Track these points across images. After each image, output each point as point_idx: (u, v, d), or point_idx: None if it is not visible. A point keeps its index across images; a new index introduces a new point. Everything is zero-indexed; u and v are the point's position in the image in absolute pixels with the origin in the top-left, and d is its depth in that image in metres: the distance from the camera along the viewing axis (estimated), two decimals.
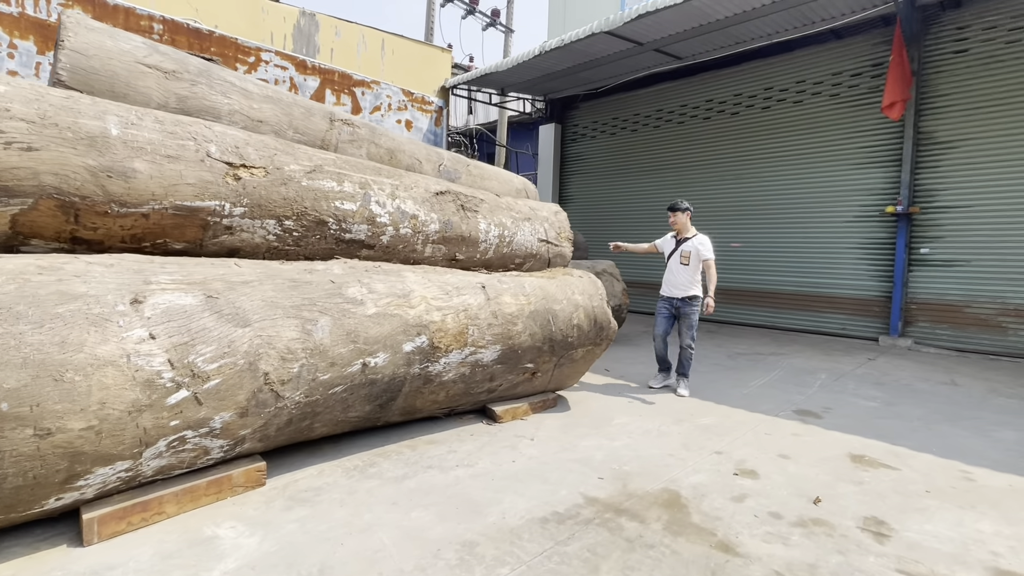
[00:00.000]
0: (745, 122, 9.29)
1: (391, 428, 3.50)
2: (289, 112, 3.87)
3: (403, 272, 3.39)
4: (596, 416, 3.95)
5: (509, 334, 3.61)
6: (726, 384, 5.03)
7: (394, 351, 3.04)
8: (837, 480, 2.91)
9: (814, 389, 4.93)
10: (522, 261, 4.77)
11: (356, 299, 2.97)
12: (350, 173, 3.48)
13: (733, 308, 9.42)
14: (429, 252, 3.97)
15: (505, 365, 3.67)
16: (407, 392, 3.22)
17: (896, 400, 4.63)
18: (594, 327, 4.02)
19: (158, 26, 6.95)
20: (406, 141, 4.73)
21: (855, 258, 8.05)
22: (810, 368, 5.87)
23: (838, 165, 8.20)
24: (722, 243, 9.51)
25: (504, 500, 2.58)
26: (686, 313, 4.73)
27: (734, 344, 7.36)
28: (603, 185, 11.66)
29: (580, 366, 4.16)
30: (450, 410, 3.70)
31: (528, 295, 3.81)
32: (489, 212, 4.38)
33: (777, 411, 4.19)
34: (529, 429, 3.62)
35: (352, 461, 3.00)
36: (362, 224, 3.48)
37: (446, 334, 3.27)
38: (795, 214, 8.68)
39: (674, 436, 3.55)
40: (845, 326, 8.14)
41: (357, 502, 2.53)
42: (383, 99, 9.41)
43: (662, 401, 4.40)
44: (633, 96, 11.01)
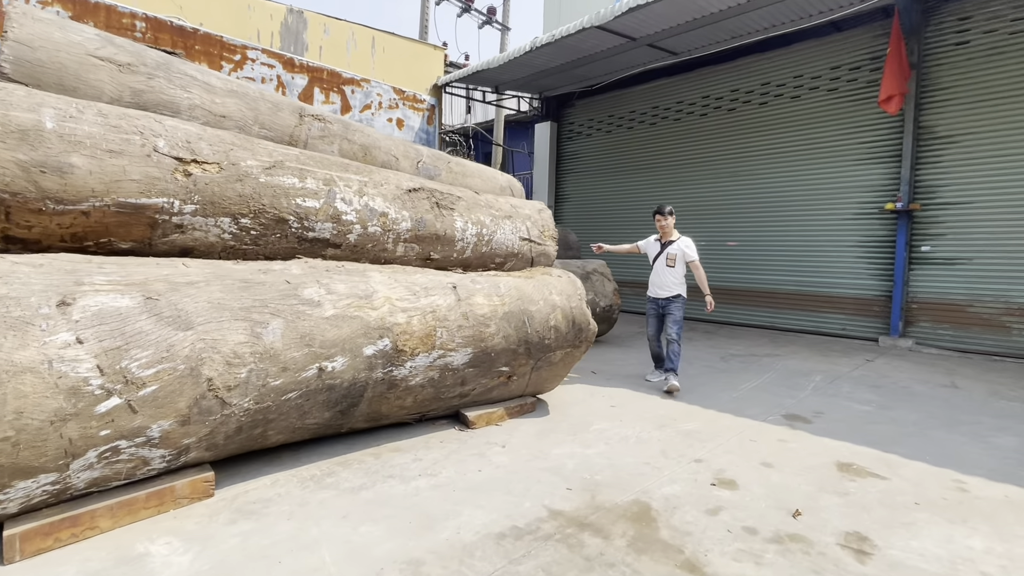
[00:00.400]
0: (742, 118, 9.10)
1: (356, 435, 3.36)
2: (255, 107, 3.74)
3: (368, 272, 3.25)
4: (575, 421, 3.79)
5: (481, 336, 3.47)
6: (715, 387, 4.86)
7: (354, 355, 2.90)
8: (821, 491, 2.74)
9: (807, 392, 4.75)
10: (503, 260, 4.62)
11: (313, 300, 2.83)
12: (314, 169, 3.35)
13: (731, 308, 9.23)
14: (401, 251, 3.83)
15: (478, 369, 3.53)
16: (370, 397, 3.08)
17: (892, 404, 4.44)
18: (572, 328, 3.87)
19: (141, 24, 6.86)
20: (382, 137, 4.60)
21: (854, 257, 7.85)
22: (805, 370, 5.68)
23: (837, 161, 8.00)
24: (719, 241, 9.35)
25: (462, 513, 2.43)
26: (671, 311, 4.96)
27: (730, 345, 7.18)
28: (599, 183, 11.50)
29: (559, 369, 4.01)
30: (421, 416, 3.56)
31: (503, 296, 3.66)
32: (466, 210, 4.24)
33: (766, 416, 4.02)
34: (502, 435, 3.47)
35: (310, 470, 2.87)
36: (326, 222, 3.34)
37: (411, 336, 3.13)
38: (793, 212, 8.49)
39: (653, 443, 3.39)
40: (845, 326, 7.94)
41: (306, 515, 2.39)
42: (373, 97, 9.29)
43: (646, 405, 4.24)
44: (629, 93, 10.84)
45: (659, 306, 5.04)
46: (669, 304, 4.97)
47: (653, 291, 5.07)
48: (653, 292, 5.06)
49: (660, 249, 5.11)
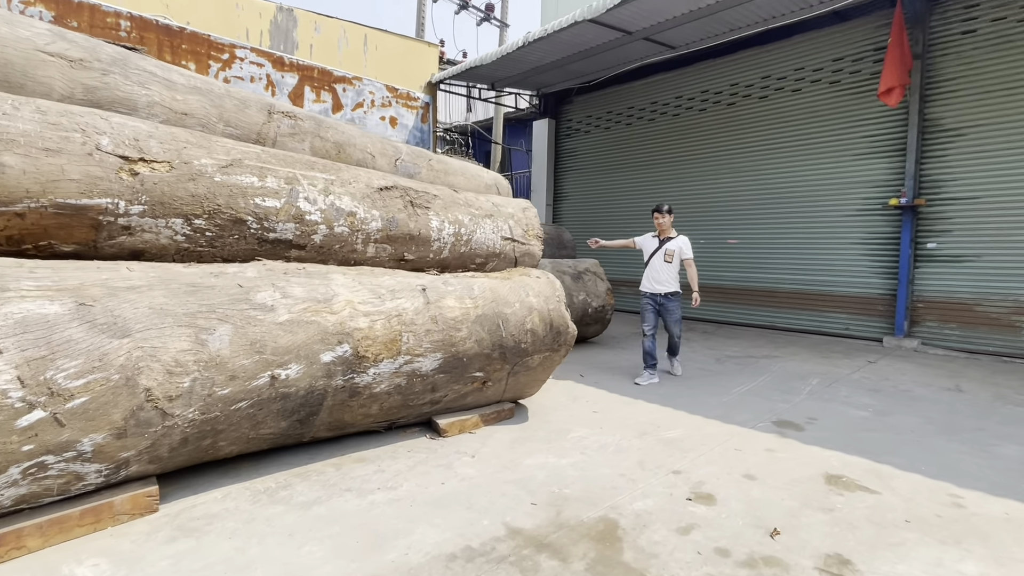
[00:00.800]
0: (742, 113, 8.87)
1: (321, 444, 3.22)
2: (220, 104, 3.61)
3: (331, 274, 3.11)
4: (553, 428, 3.63)
5: (451, 341, 3.32)
6: (706, 391, 4.68)
7: (310, 362, 2.76)
8: (804, 506, 2.56)
9: (802, 396, 4.55)
10: (484, 261, 4.47)
11: (266, 305, 2.70)
12: (275, 168, 3.22)
13: (730, 308, 9.02)
14: (372, 252, 3.69)
15: (449, 374, 3.38)
16: (331, 406, 2.95)
17: (890, 409, 4.24)
18: (550, 332, 3.71)
19: (125, 23, 6.78)
20: (359, 135, 4.46)
21: (858, 254, 7.60)
22: (802, 372, 5.48)
23: (839, 156, 7.76)
24: (719, 239, 9.13)
25: (415, 531, 2.28)
26: (671, 308, 5.09)
27: (727, 346, 6.98)
28: (598, 181, 11.30)
29: (538, 374, 3.85)
30: (390, 424, 3.42)
31: (476, 298, 3.51)
32: (443, 209, 4.09)
33: (755, 422, 3.83)
34: (474, 444, 3.32)
35: (265, 483, 2.74)
36: (288, 223, 3.21)
37: (374, 342, 2.99)
38: (794, 208, 8.25)
39: (632, 452, 3.23)
40: (848, 326, 7.70)
41: (250, 533, 2.26)
42: (366, 95, 9.18)
43: (630, 411, 4.07)
44: (627, 88, 10.63)
45: (656, 301, 5.12)
46: (668, 301, 5.08)
47: (651, 286, 5.15)
48: (650, 287, 5.15)
49: (658, 245, 5.22)
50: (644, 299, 5.19)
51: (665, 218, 5.17)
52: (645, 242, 5.38)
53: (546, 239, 7.83)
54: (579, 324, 6.50)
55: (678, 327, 5.12)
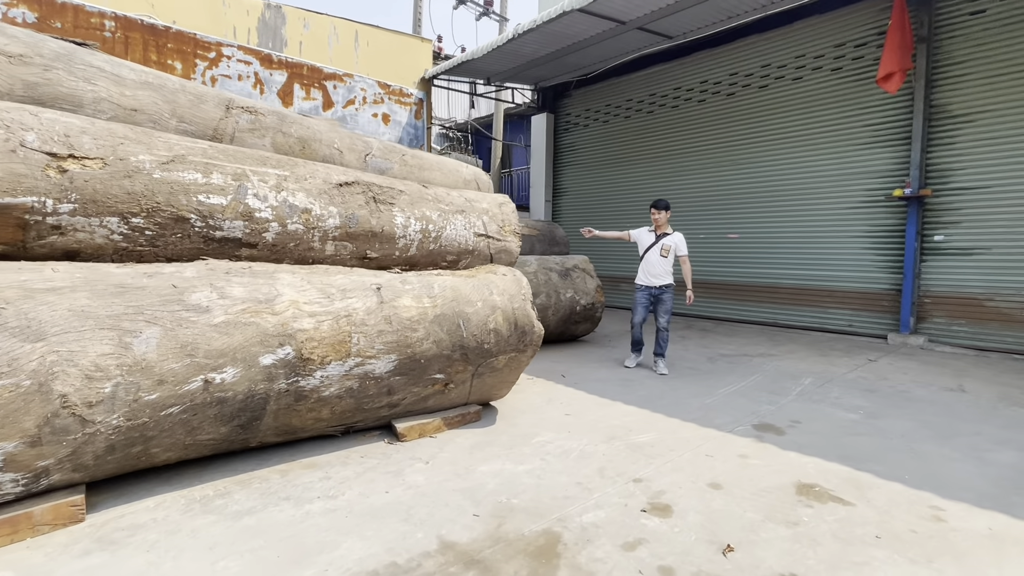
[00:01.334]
0: (741, 103, 8.59)
1: (274, 449, 3.12)
2: (173, 99, 3.52)
3: (279, 273, 2.99)
4: (518, 432, 3.48)
5: (407, 342, 3.18)
6: (689, 392, 4.49)
7: (248, 365, 2.65)
8: (767, 520, 2.38)
9: (790, 397, 4.34)
10: (456, 258, 4.33)
11: (200, 306, 2.59)
12: (222, 164, 3.11)
13: (730, 304, 8.76)
14: (332, 250, 3.57)
15: (406, 377, 3.25)
16: (275, 411, 2.83)
17: (883, 411, 4.00)
18: (515, 331, 3.55)
19: (110, 23, 6.76)
20: (326, 130, 4.34)
21: (861, 248, 7.30)
22: (796, 372, 5.25)
23: (841, 146, 7.46)
24: (719, 234, 8.87)
25: (342, 545, 2.16)
26: (664, 299, 5.27)
27: (722, 344, 6.75)
28: (597, 176, 11.09)
29: (505, 375, 3.70)
30: (346, 428, 3.30)
31: (435, 297, 3.37)
32: (409, 204, 3.95)
33: (734, 425, 3.64)
34: (432, 449, 3.19)
35: (204, 490, 2.63)
36: (236, 220, 3.10)
37: (320, 343, 2.87)
38: (795, 201, 7.97)
39: (595, 458, 3.06)
40: (851, 323, 7.41)
41: (170, 546, 2.15)
42: (357, 92, 9.08)
43: (604, 413, 3.90)
44: (625, 80, 10.40)
45: (651, 294, 5.30)
46: (662, 293, 5.26)
47: (646, 279, 5.33)
48: (645, 280, 5.33)
49: (655, 240, 5.35)
50: (639, 292, 5.39)
51: (662, 214, 5.32)
52: (641, 236, 5.51)
53: (537, 236, 7.67)
54: (567, 323, 6.33)
55: (666, 318, 5.26)
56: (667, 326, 5.27)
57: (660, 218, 5.32)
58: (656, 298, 5.28)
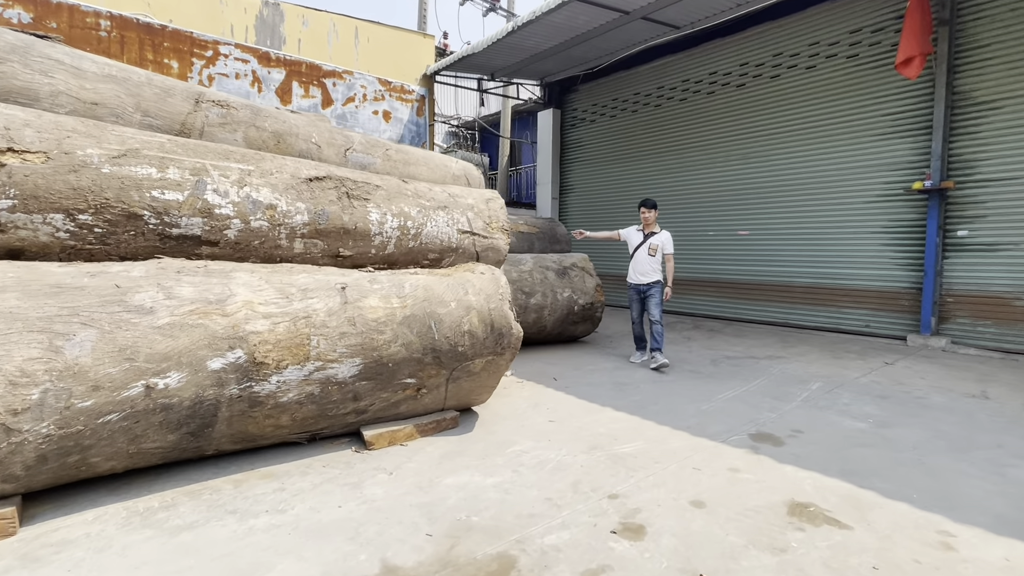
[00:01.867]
0: (752, 94, 8.24)
1: (232, 456, 2.97)
2: (137, 93, 3.40)
3: (235, 273, 2.84)
4: (495, 441, 3.28)
5: (373, 345, 3.00)
6: (686, 397, 4.23)
7: (195, 369, 2.50)
8: (751, 545, 2.14)
9: (794, 404, 4.05)
10: (438, 256, 4.15)
11: (143, 307, 2.44)
12: (180, 158, 2.97)
13: (740, 304, 8.42)
14: (301, 248, 3.41)
15: (373, 382, 3.07)
16: (228, 418, 2.68)
17: (895, 419, 3.70)
18: (491, 334, 3.35)
19: (105, 22, 6.74)
20: (303, 124, 4.20)
21: (879, 244, 6.92)
22: (805, 376, 4.94)
23: (857, 137, 7.08)
24: (729, 231, 8.54)
25: (277, 567, 1.98)
26: (652, 294, 5.37)
27: (730, 345, 6.45)
28: (604, 172, 10.81)
29: (484, 379, 3.50)
30: (312, 435, 3.14)
31: (404, 297, 3.19)
32: (386, 200, 3.78)
33: (728, 435, 3.38)
34: (399, 459, 3.00)
35: (149, 502, 2.49)
36: (194, 217, 2.96)
37: (275, 346, 2.70)
38: (809, 195, 7.60)
39: (572, 470, 2.84)
40: (868, 323, 7.03)
41: (93, 565, 2.00)
42: (357, 90, 8.97)
43: (589, 420, 3.67)
44: (633, 74, 10.11)
45: (640, 291, 5.44)
46: (650, 288, 5.36)
47: (635, 277, 5.45)
48: (635, 279, 5.45)
49: (643, 239, 5.45)
50: (630, 290, 5.54)
51: (651, 213, 5.41)
52: (630, 235, 5.60)
53: (537, 233, 7.46)
54: (564, 323, 6.11)
55: (658, 310, 5.31)
56: (660, 319, 5.30)
57: (649, 217, 5.41)
58: (644, 295, 5.41)
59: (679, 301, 9.28)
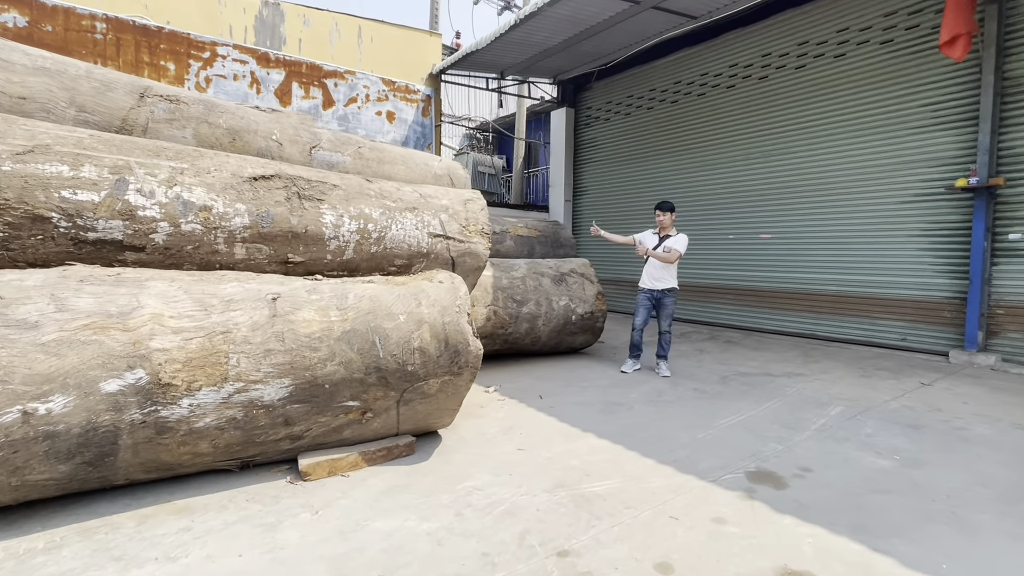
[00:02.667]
0: (775, 87, 7.63)
1: (154, 485, 2.67)
2: (72, 87, 3.17)
3: (151, 281, 2.55)
4: (449, 473, 2.89)
5: (305, 363, 2.66)
6: (682, 422, 3.74)
7: (85, 392, 2.20)
8: None
9: (807, 434, 3.52)
10: (406, 262, 3.80)
11: (27, 321, 2.16)
12: (99, 155, 2.70)
13: (763, 313, 7.80)
14: (242, 254, 3.11)
15: (308, 405, 2.72)
16: (132, 446, 2.37)
17: (927, 456, 3.13)
18: (445, 351, 2.96)
19: (101, 25, 6.70)
20: (264, 120, 3.92)
21: (917, 248, 6.23)
22: (825, 398, 4.37)
23: (892, 131, 6.41)
24: (750, 234, 7.93)
25: None
26: (666, 303, 5.14)
27: (745, 360, 5.88)
28: (618, 172, 10.31)
29: (441, 402, 3.11)
30: (243, 462, 2.82)
31: (345, 309, 2.84)
32: (343, 201, 3.46)
33: (722, 472, 2.90)
34: (333, 493, 2.65)
35: (33, 541, 2.20)
36: (113, 220, 2.69)
37: (185, 366, 2.39)
38: (838, 195, 6.94)
39: (524, 516, 2.43)
40: (905, 336, 6.34)
41: None
42: (359, 90, 8.76)
43: (562, 449, 3.24)
44: (649, 69, 9.59)
45: (653, 297, 5.18)
46: (664, 296, 5.14)
47: (648, 283, 5.20)
48: (648, 284, 5.20)
49: (658, 243, 5.20)
50: (641, 295, 5.26)
51: (666, 216, 5.18)
52: (645, 239, 5.33)
53: (538, 237, 7.05)
54: (561, 334, 5.68)
55: (668, 321, 5.13)
56: (669, 329, 5.17)
57: (664, 220, 5.19)
58: (658, 301, 5.17)
59: (696, 309, 8.70)
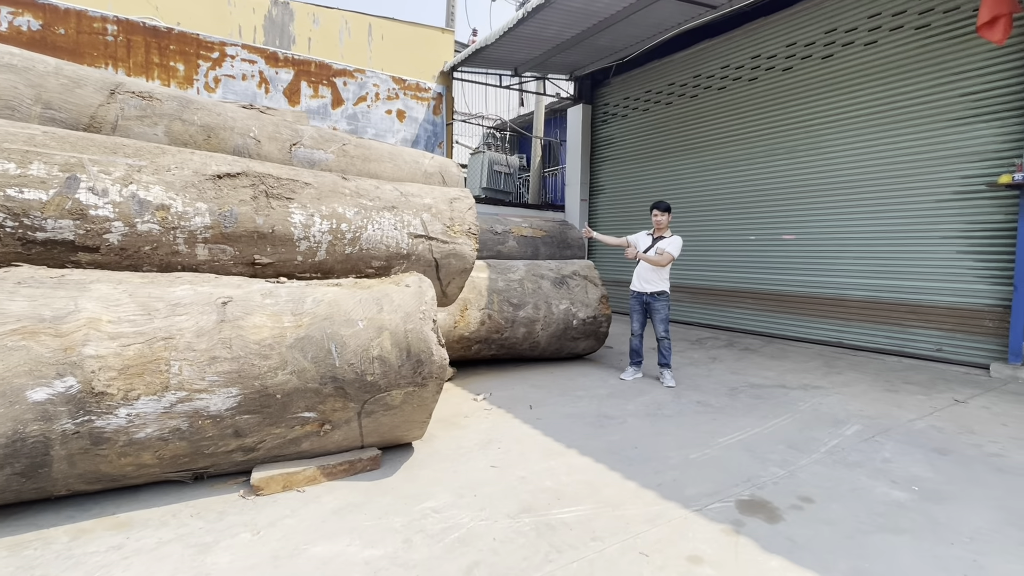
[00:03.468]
0: (800, 79, 7.18)
1: (103, 495, 2.56)
2: (39, 83, 3.10)
3: (94, 284, 2.43)
4: (409, 492, 2.69)
5: (255, 372, 2.50)
6: (677, 440, 3.45)
7: (10, 401, 2.08)
8: None
9: (814, 456, 3.18)
10: (384, 264, 3.62)
11: None
12: (50, 152, 2.61)
13: (783, 319, 7.35)
14: (205, 255, 2.98)
15: (259, 416, 2.57)
16: (67, 456, 2.26)
17: (951, 488, 2.77)
18: (407, 360, 2.76)
19: (112, 27, 6.78)
20: (243, 117, 3.81)
21: (955, 251, 5.72)
22: (842, 414, 3.99)
23: (927, 123, 5.91)
24: (772, 235, 7.50)
25: None
26: (658, 308, 4.92)
27: (760, 369, 5.50)
28: (636, 170, 9.96)
29: (408, 414, 2.91)
30: (196, 474, 2.68)
31: (301, 314, 2.67)
32: (314, 200, 3.30)
33: (710, 501, 2.61)
34: (281, 511, 2.48)
35: None
36: (64, 219, 2.59)
37: (121, 373, 2.26)
38: (868, 193, 6.46)
39: (477, 546, 2.20)
40: (940, 346, 5.83)
41: None
42: (369, 88, 8.68)
43: (538, 468, 3.00)
44: (667, 62, 9.22)
45: (643, 301, 5.00)
46: (654, 300, 4.92)
47: (639, 285, 5.00)
48: (639, 286, 5.01)
49: (651, 244, 4.99)
50: (632, 298, 5.08)
51: (664, 216, 4.96)
52: (638, 240, 5.11)
53: (543, 237, 6.81)
54: (561, 339, 5.43)
55: (663, 327, 4.88)
56: (666, 334, 4.89)
57: (661, 220, 4.96)
58: (648, 305, 4.97)
59: (713, 314, 8.29)
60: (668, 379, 4.83)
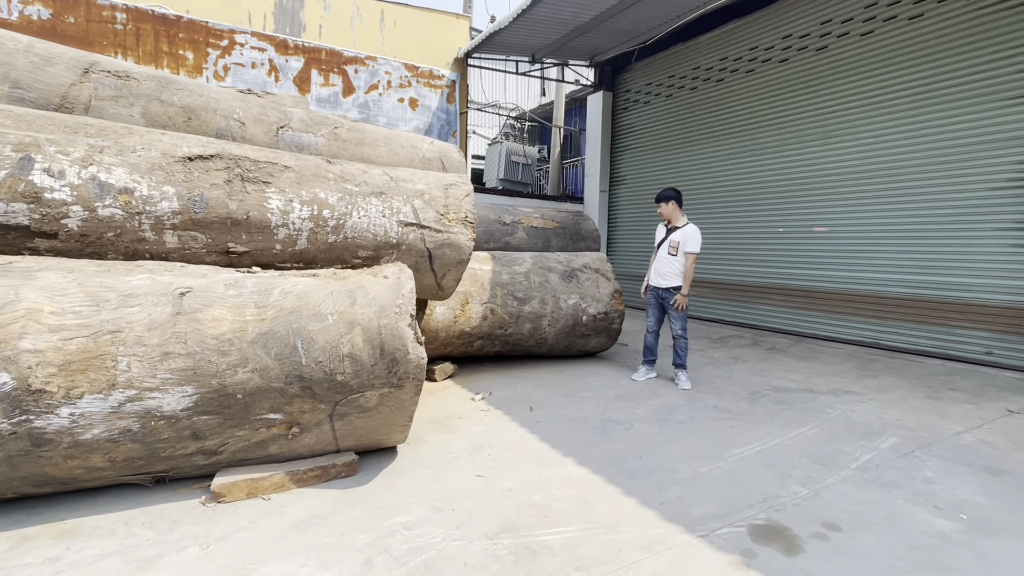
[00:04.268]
0: (836, 59, 6.65)
1: (57, 498, 2.40)
2: (7, 61, 2.95)
3: (41, 272, 2.25)
4: (380, 504, 2.44)
5: (212, 370, 2.29)
6: (687, 451, 3.12)
7: None
8: None
9: (843, 474, 2.81)
10: (373, 254, 3.39)
11: None
12: (3, 131, 2.44)
13: (815, 317, 6.86)
14: (175, 242, 2.80)
15: (219, 416, 2.36)
16: (6, 459, 2.08)
17: (1007, 518, 2.38)
18: (380, 359, 2.50)
19: (121, 15, 6.73)
20: (226, 99, 3.62)
21: (1007, 244, 5.18)
22: (876, 424, 3.59)
23: (977, 104, 5.36)
24: (803, 227, 7.01)
25: None
26: (672, 304, 4.58)
27: (787, 371, 5.09)
28: (659, 159, 9.51)
29: (385, 416, 2.67)
30: (156, 477, 2.49)
31: (265, 307, 2.44)
32: (294, 184, 3.08)
33: (721, 523, 2.29)
34: (239, 522, 2.27)
35: None
36: (17, 203, 2.42)
37: (61, 370, 2.07)
38: (911, 182, 5.93)
39: (446, 570, 1.94)
40: (990, 349, 5.31)
41: None
42: (381, 76, 8.48)
43: (532, 478, 2.72)
44: (692, 45, 8.74)
45: (658, 296, 4.70)
46: (669, 296, 4.60)
47: (654, 279, 4.71)
48: (653, 280, 4.71)
49: (665, 235, 4.68)
50: (649, 293, 4.80)
51: (665, 207, 4.61)
52: (658, 234, 4.79)
53: (555, 229, 6.50)
54: (571, 336, 5.12)
55: (679, 324, 4.55)
56: (683, 333, 4.55)
57: (664, 211, 4.64)
58: (665, 301, 4.62)
59: (738, 311, 7.84)
60: (683, 381, 4.49)
